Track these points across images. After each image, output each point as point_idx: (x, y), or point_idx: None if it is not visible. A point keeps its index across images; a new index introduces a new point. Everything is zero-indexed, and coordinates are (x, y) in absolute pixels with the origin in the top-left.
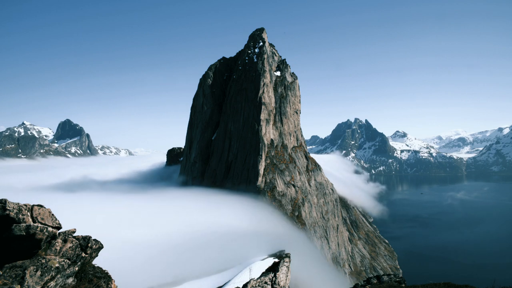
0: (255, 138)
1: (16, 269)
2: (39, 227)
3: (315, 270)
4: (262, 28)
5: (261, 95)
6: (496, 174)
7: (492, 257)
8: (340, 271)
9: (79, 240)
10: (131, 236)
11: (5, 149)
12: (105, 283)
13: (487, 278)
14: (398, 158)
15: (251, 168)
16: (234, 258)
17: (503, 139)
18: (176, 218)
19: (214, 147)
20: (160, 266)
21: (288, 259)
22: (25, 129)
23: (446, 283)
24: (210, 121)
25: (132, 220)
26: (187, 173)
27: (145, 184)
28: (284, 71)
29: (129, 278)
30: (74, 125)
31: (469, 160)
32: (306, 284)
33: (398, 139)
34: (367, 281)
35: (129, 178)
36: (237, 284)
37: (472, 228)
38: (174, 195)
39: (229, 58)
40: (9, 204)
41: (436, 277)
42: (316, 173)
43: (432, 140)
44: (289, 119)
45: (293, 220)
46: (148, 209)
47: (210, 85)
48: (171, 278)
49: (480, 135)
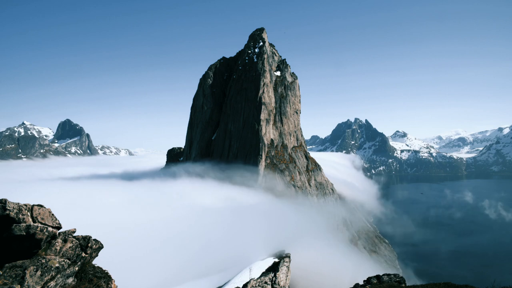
0: (255, 138)
1: (16, 269)
2: (39, 227)
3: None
4: (262, 28)
5: (261, 95)
6: (496, 174)
7: (492, 257)
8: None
9: (79, 240)
10: (131, 236)
11: (5, 149)
12: (105, 283)
13: (487, 278)
14: (398, 158)
15: (251, 168)
16: (234, 258)
17: (503, 139)
18: (176, 218)
19: (214, 147)
20: (160, 266)
21: (288, 259)
22: (25, 129)
23: (446, 283)
24: (210, 121)
25: (132, 220)
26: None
27: (144, 183)
28: (284, 71)
29: (129, 278)
30: (74, 125)
31: (469, 160)
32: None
33: (398, 139)
34: (367, 281)
35: (129, 177)
36: (237, 284)
37: (472, 227)
38: (174, 195)
39: (229, 58)
40: (9, 204)
41: (436, 277)
42: (316, 173)
43: (432, 140)
44: (289, 119)
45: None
46: (148, 211)
47: (210, 85)
48: (171, 278)
49: (480, 135)
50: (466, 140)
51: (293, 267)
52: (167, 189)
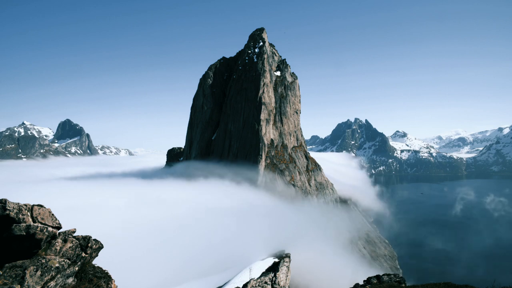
0: (255, 138)
1: (16, 269)
2: (39, 227)
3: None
4: (262, 28)
5: (261, 95)
6: (496, 174)
7: (493, 257)
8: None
9: (79, 240)
10: (131, 236)
11: (5, 149)
12: (105, 283)
13: (487, 278)
14: (398, 158)
15: (251, 168)
16: (234, 258)
17: (503, 139)
18: (176, 218)
19: (214, 147)
20: (160, 266)
21: (288, 259)
22: (25, 129)
23: (446, 283)
24: (210, 121)
25: (132, 220)
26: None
27: (144, 183)
28: (284, 71)
29: (129, 278)
30: (74, 125)
31: (469, 160)
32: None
33: (398, 139)
34: (367, 281)
35: (129, 177)
36: (237, 284)
37: (472, 227)
38: (174, 195)
39: (229, 58)
40: (9, 204)
41: (436, 277)
42: (316, 173)
43: (432, 140)
44: (289, 119)
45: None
46: (148, 211)
47: (210, 85)
48: (171, 278)
49: (480, 135)
50: (466, 140)
51: (293, 267)
52: (167, 188)
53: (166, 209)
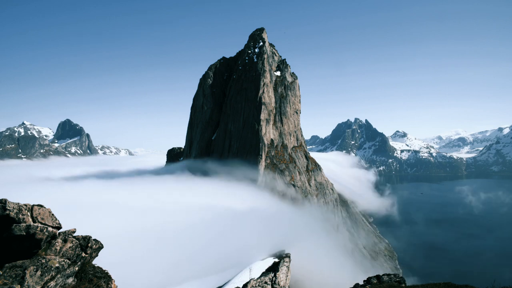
0: (255, 138)
1: (16, 269)
2: (39, 227)
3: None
4: (262, 28)
5: (261, 95)
6: (496, 174)
7: (492, 257)
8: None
9: (79, 240)
10: (131, 236)
11: (5, 149)
12: (105, 283)
13: (487, 278)
14: (398, 158)
15: (251, 168)
16: (234, 258)
17: (503, 139)
18: (175, 218)
19: (214, 147)
20: (160, 266)
21: (288, 259)
22: (25, 129)
23: (446, 283)
24: (210, 121)
25: (132, 220)
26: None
27: (144, 182)
28: (284, 71)
29: (129, 278)
30: (74, 125)
31: (469, 160)
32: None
33: (398, 139)
34: (367, 281)
35: (129, 177)
36: (237, 284)
37: (472, 227)
38: (173, 194)
39: (229, 58)
40: (9, 204)
41: (436, 277)
42: (316, 173)
43: (432, 140)
44: (289, 119)
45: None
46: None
47: (210, 85)
48: (171, 278)
49: (480, 135)
50: (466, 140)
51: (293, 267)
52: (166, 188)
53: (166, 209)
